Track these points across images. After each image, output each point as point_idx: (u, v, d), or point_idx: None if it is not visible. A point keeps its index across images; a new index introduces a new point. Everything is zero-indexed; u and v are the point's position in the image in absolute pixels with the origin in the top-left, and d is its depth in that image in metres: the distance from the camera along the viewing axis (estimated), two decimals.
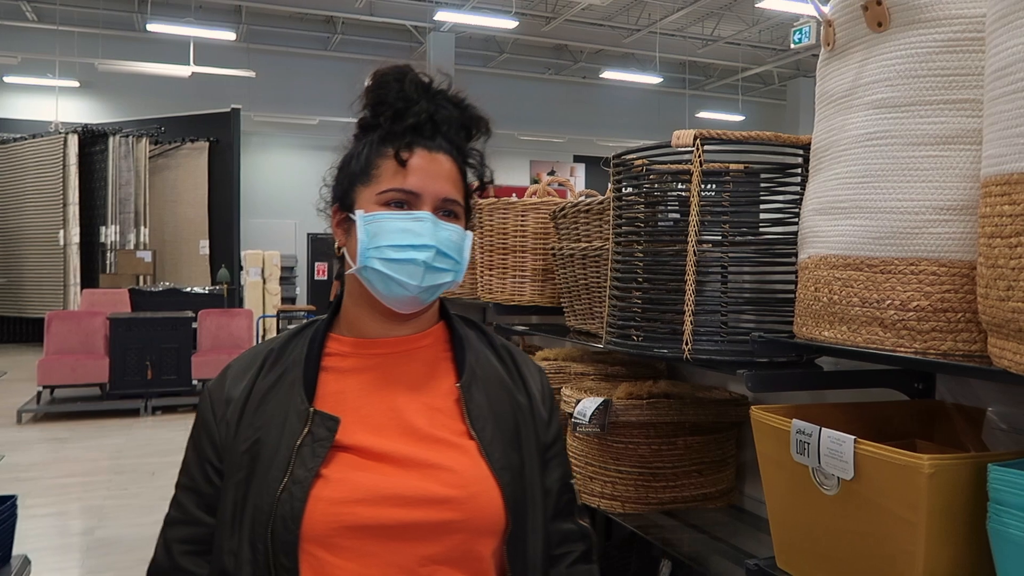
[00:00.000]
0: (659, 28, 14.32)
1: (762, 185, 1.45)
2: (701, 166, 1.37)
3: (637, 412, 1.68)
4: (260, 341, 9.37)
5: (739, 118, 17.28)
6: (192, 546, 0.96)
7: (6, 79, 13.17)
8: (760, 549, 1.52)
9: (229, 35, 12.87)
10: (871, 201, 1.07)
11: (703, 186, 1.38)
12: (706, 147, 1.38)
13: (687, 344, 1.39)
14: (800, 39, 9.32)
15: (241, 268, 10.90)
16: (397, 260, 0.92)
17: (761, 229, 1.45)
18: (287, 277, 13.22)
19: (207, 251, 12.13)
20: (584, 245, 1.93)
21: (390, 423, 0.94)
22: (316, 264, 16.34)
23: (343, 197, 0.99)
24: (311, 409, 0.92)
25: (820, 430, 1.08)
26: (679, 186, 1.47)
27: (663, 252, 1.52)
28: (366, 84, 1.01)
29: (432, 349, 1.01)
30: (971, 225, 0.99)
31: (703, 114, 17.43)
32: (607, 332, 1.59)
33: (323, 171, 1.11)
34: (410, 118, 0.96)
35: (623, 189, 1.55)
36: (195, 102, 12.95)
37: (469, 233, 0.99)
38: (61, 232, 11.58)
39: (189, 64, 12.64)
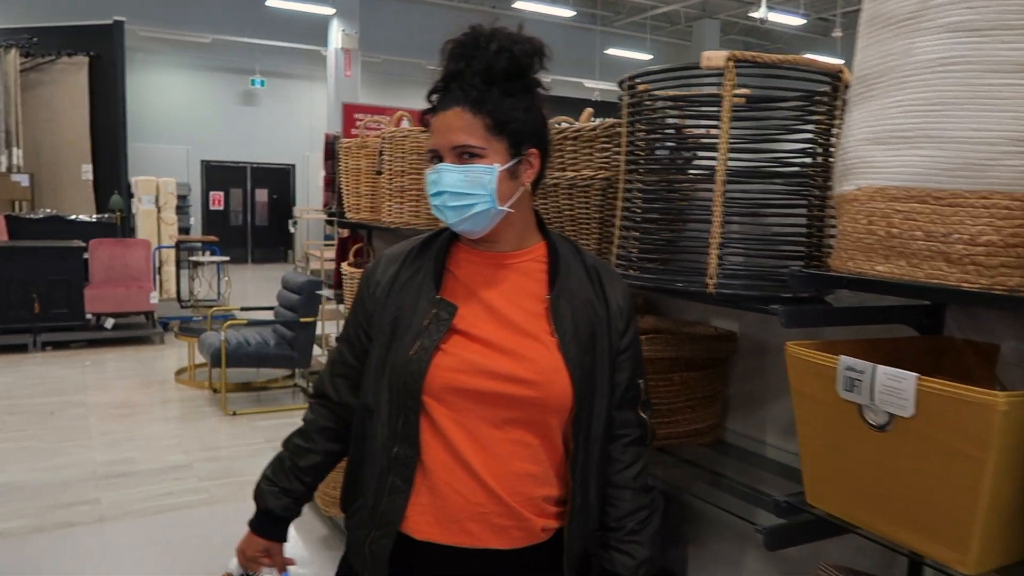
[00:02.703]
0: None
1: (788, 115, 1.39)
2: (733, 90, 1.29)
3: None
4: (156, 274, 8.92)
5: (647, 56, 17.34)
6: (345, 381, 1.31)
7: None
8: (760, 484, 1.52)
9: None
10: (941, 130, 1.03)
11: (730, 113, 1.31)
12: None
13: (711, 279, 1.33)
14: None
15: (131, 196, 10.14)
16: (435, 206, 1.19)
17: (787, 161, 1.39)
18: (181, 207, 12.42)
19: (91, 176, 11.18)
20: (571, 175, 1.84)
21: (493, 317, 1.19)
22: (211, 193, 15.49)
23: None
24: (438, 297, 1.20)
25: (875, 367, 1.06)
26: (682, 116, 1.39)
27: (681, 183, 1.45)
28: None
29: (533, 264, 1.24)
30: None
31: (612, 51, 17.39)
32: (616, 266, 1.52)
33: (217, 93, 1.00)
34: (433, 88, 1.19)
35: (641, 115, 1.46)
36: (71, 11, 11.76)
37: (495, 166, 1.15)
38: None
39: None
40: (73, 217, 8.62)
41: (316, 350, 5.47)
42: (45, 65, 11.10)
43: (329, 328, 5.99)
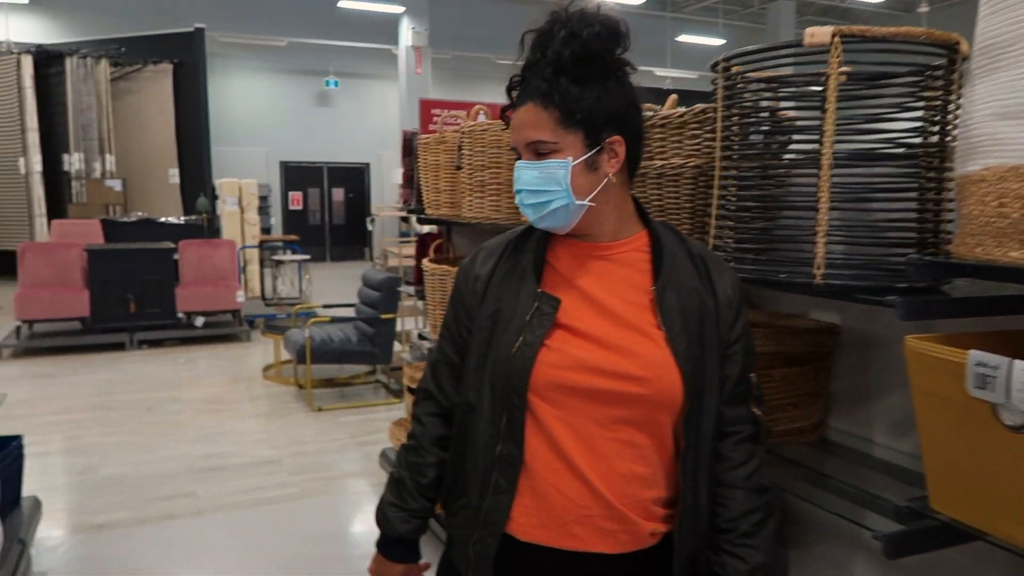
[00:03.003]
0: None
1: (900, 92, 1.30)
2: (840, 68, 1.21)
3: None
4: (242, 273, 9.22)
5: (720, 41, 16.90)
6: (451, 380, 1.28)
7: None
8: (868, 485, 1.44)
9: None
10: None
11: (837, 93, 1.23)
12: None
13: (818, 269, 1.26)
14: None
15: (215, 197, 10.52)
16: (518, 203, 1.17)
17: (898, 141, 1.31)
18: (262, 207, 12.81)
19: (177, 180, 11.67)
20: (660, 163, 1.78)
21: (596, 310, 1.15)
22: (290, 193, 15.91)
23: None
24: (540, 291, 1.16)
25: (1012, 362, 0.97)
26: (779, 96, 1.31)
27: (779, 169, 1.38)
28: None
29: (635, 254, 1.19)
30: None
31: (683, 37, 17.02)
32: None
33: (293, 95, 0.97)
34: (511, 84, 1.17)
35: (736, 99, 1.39)
36: (156, 20, 12.24)
37: (568, 160, 1.11)
38: (21, 160, 11.03)
39: None
40: (163, 220, 9.00)
41: (396, 346, 5.54)
42: (133, 74, 11.60)
43: (409, 324, 6.07)
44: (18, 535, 2.79)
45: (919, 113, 1.30)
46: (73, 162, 11.23)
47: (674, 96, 2.25)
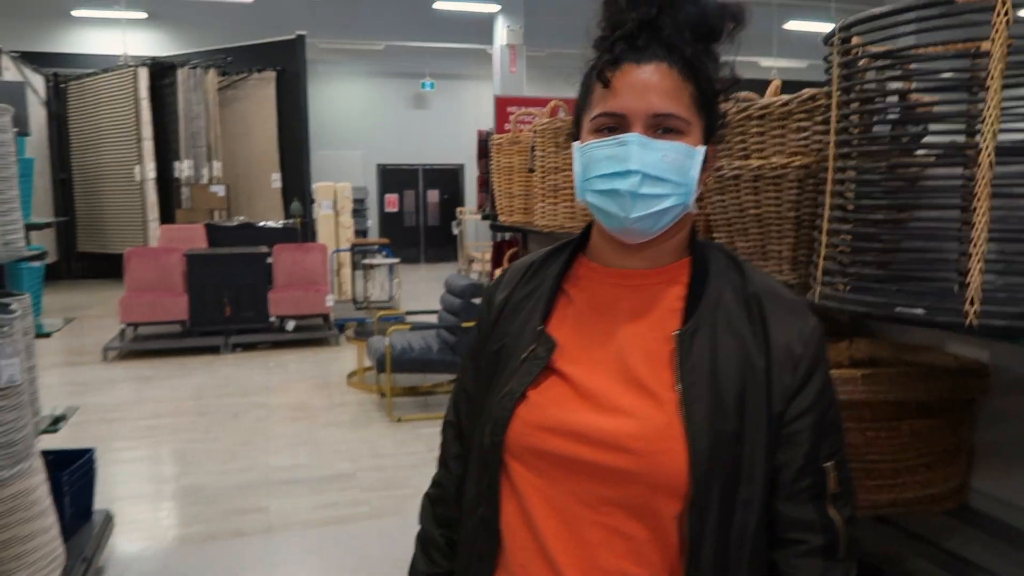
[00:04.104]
0: None
1: None
2: (1009, 31, 0.88)
3: (850, 388, 1.24)
4: (335, 276, 9.32)
5: (833, 27, 15.91)
6: (467, 412, 1.05)
7: (74, 13, 13.04)
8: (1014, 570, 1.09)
9: None
10: None
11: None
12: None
13: (972, 304, 0.94)
14: None
15: (312, 201, 10.70)
16: (604, 191, 0.88)
17: None
18: (357, 210, 12.98)
19: (279, 184, 11.97)
20: (758, 163, 1.47)
21: (605, 356, 0.92)
22: (386, 196, 16.10)
23: (576, 129, 0.95)
24: (539, 328, 0.95)
25: None
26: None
27: (914, 168, 1.05)
28: None
29: (668, 286, 0.94)
30: None
31: (791, 24, 16.12)
32: (823, 282, 1.15)
33: (389, 98, 0.72)
34: (618, 30, 0.89)
35: (860, 77, 1.08)
36: (260, 29, 12.59)
37: (698, 148, 0.88)
38: (137, 168, 11.58)
39: None
40: (262, 224, 9.18)
41: None
42: (239, 82, 11.98)
43: None
44: (83, 553, 2.74)
45: None
46: (183, 169, 11.70)
47: (777, 81, 1.92)
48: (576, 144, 0.92)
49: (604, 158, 0.87)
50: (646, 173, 0.85)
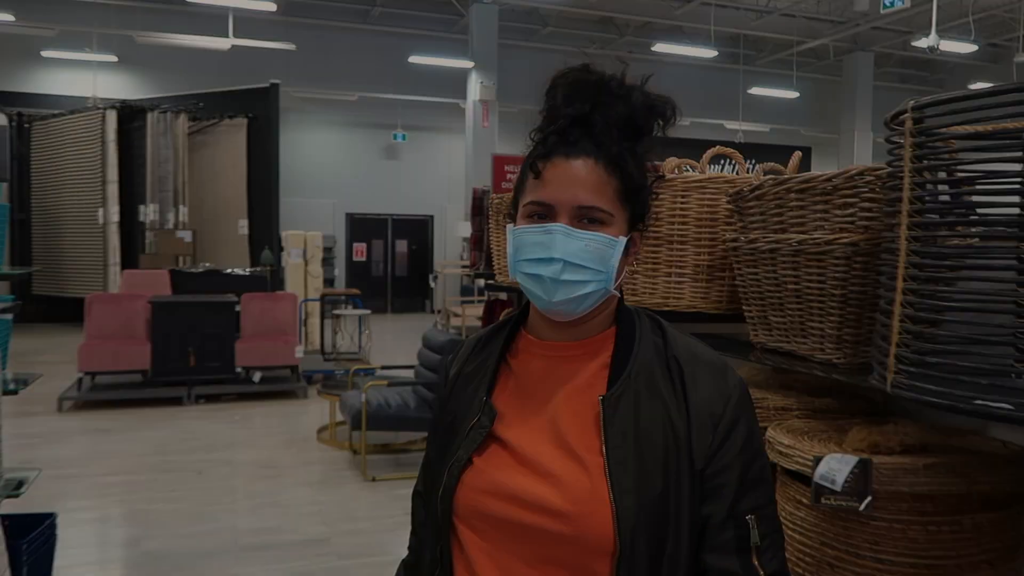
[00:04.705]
0: None
1: None
2: None
3: (910, 478, 1.19)
4: (302, 326, 9.12)
5: (793, 95, 16.47)
6: (430, 485, 1.08)
7: (44, 53, 12.87)
8: None
9: (269, 6, 12.37)
10: None
11: None
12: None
13: None
14: (892, 2, 8.46)
15: (281, 249, 10.53)
16: (530, 274, 0.95)
17: None
18: (326, 258, 12.83)
19: (246, 231, 11.79)
20: (798, 237, 1.43)
21: (540, 423, 0.98)
22: (355, 245, 15.96)
23: (513, 209, 1.01)
24: (484, 398, 1.01)
25: None
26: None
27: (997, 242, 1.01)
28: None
29: (594, 356, 1.00)
30: None
31: (755, 90, 16.64)
32: (897, 371, 1.08)
33: (361, 148, 0.68)
34: (551, 126, 0.97)
35: (933, 158, 1.04)
36: (233, 77, 12.56)
37: (620, 239, 0.95)
38: (100, 210, 11.32)
39: (228, 36, 12.20)
40: (229, 271, 8.98)
41: None
42: (209, 127, 11.88)
43: None
44: None
45: None
46: (148, 213, 11.47)
47: (798, 153, 1.91)
48: (510, 226, 0.99)
49: (532, 244, 0.94)
50: (568, 261, 0.92)
